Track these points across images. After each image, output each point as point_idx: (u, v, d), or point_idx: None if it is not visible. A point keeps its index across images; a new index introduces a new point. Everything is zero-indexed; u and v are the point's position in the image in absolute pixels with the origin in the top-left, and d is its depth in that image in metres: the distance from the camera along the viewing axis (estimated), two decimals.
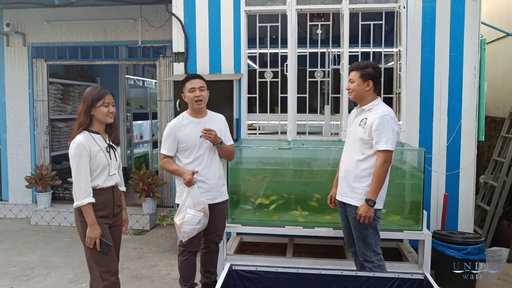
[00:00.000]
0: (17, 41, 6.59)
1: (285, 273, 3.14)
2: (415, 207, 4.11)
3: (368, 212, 3.20)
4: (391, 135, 3.15)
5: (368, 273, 3.12)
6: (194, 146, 3.47)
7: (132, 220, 6.15)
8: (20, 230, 6.13)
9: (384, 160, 3.15)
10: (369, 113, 3.27)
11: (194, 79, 3.50)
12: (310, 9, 4.81)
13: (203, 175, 3.48)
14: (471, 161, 4.75)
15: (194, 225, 3.39)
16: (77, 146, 2.89)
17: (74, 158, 2.90)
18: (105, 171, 3.00)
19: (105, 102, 2.98)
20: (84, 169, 2.90)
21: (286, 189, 4.44)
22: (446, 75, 4.73)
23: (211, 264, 3.77)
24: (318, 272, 3.12)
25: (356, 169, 3.29)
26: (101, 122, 3.03)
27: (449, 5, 4.68)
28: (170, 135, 3.48)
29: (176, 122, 3.54)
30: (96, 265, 3.03)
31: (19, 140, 6.71)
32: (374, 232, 3.34)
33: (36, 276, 4.51)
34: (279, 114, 5.00)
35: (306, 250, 4.97)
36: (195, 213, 3.37)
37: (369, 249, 3.34)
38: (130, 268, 4.68)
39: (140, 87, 10.67)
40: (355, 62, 3.42)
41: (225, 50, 5.01)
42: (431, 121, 4.77)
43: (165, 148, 3.51)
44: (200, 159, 3.49)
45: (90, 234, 2.92)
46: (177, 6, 5.04)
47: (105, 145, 3.04)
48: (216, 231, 3.67)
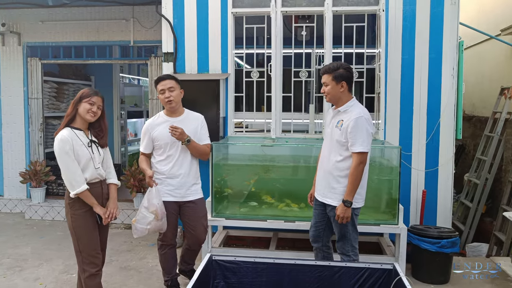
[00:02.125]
0: (13, 41, 6.75)
1: (263, 263, 3.31)
2: (392, 202, 4.27)
3: (345, 213, 3.32)
4: (365, 137, 3.25)
5: (341, 263, 3.30)
6: (166, 145, 3.63)
7: (123, 215, 6.32)
8: (14, 224, 6.29)
9: (359, 162, 3.26)
10: (344, 114, 3.36)
11: (164, 81, 3.62)
12: (295, 11, 4.97)
13: (173, 172, 3.65)
14: (450, 158, 4.92)
15: (144, 225, 3.51)
16: (61, 140, 3.07)
17: (59, 153, 3.07)
18: (89, 164, 3.16)
19: (90, 100, 3.15)
20: (71, 161, 3.07)
21: (269, 185, 4.60)
22: (426, 76, 4.89)
23: (189, 257, 3.96)
24: (294, 262, 3.29)
25: (335, 170, 3.40)
26: (82, 118, 3.18)
27: (429, 8, 4.84)
28: (146, 134, 3.69)
29: (151, 121, 3.73)
30: (81, 256, 3.22)
31: (14, 136, 6.87)
32: (354, 229, 3.49)
33: (28, 267, 4.68)
34: (265, 112, 5.17)
35: (290, 244, 5.14)
36: (147, 214, 3.51)
37: (348, 244, 3.49)
38: (119, 260, 4.85)
39: (134, 85, 10.83)
40: (325, 65, 3.50)
41: (213, 51, 5.16)
42: (411, 120, 4.93)
43: (142, 145, 3.75)
44: (171, 157, 3.65)
45: (102, 210, 3.19)
46: (166, 7, 5.20)
47: (87, 140, 3.20)
48: (195, 233, 3.76)
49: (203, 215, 3.84)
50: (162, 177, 3.69)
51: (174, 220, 3.75)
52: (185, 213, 3.74)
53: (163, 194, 3.65)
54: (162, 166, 3.68)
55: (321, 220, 3.62)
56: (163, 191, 3.66)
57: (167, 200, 3.66)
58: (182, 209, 3.74)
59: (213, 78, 5.01)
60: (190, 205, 3.74)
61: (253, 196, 4.50)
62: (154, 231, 3.60)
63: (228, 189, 4.57)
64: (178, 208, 3.75)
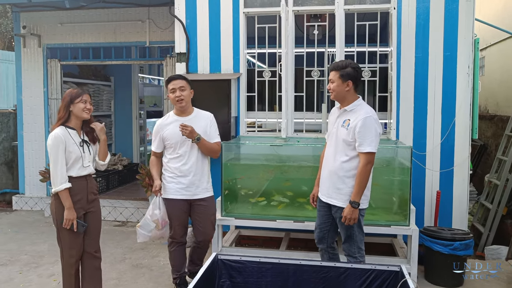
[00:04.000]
0: (33, 43, 6.93)
1: (268, 263, 3.30)
2: (403, 203, 4.20)
3: (353, 214, 3.29)
4: (374, 137, 3.21)
5: (346, 264, 3.25)
6: (176, 143, 3.68)
7: (139, 214, 6.41)
8: (34, 222, 6.46)
9: (367, 162, 3.22)
10: (351, 114, 3.32)
11: (175, 80, 3.69)
12: (306, 11, 4.95)
13: (183, 171, 3.70)
14: (465, 158, 4.81)
15: (146, 232, 3.65)
16: (54, 138, 3.23)
17: (51, 149, 3.23)
18: (78, 162, 3.31)
19: (82, 99, 3.30)
20: (60, 159, 3.23)
21: (279, 184, 4.59)
22: (440, 74, 4.79)
23: (197, 257, 3.99)
24: (299, 263, 3.27)
25: (340, 170, 3.35)
26: (78, 117, 3.33)
27: (443, 5, 4.74)
28: (156, 133, 3.76)
29: (161, 120, 3.80)
30: (61, 244, 3.42)
31: (34, 136, 7.06)
32: (360, 230, 3.44)
33: (44, 263, 4.80)
34: (277, 112, 5.16)
35: (302, 245, 5.12)
36: (149, 222, 3.62)
37: (354, 246, 3.45)
38: (132, 258, 4.92)
39: (154, 85, 10.96)
40: (334, 62, 3.48)
41: (225, 50, 5.19)
42: (425, 120, 4.84)
43: (153, 145, 3.80)
44: (182, 156, 3.70)
45: (68, 216, 3.24)
46: (179, 8, 5.25)
47: (79, 140, 3.35)
48: (203, 229, 3.81)
49: (212, 213, 3.90)
50: (173, 175, 3.75)
51: (184, 218, 3.80)
52: (195, 211, 3.79)
53: (173, 192, 3.72)
54: (173, 165, 3.74)
55: (326, 221, 3.59)
56: (174, 189, 3.73)
57: (177, 198, 3.72)
58: (192, 207, 3.80)
59: (225, 78, 5.03)
60: (201, 203, 3.79)
61: (263, 195, 4.49)
62: (155, 239, 3.75)
63: (238, 189, 4.58)
64: (189, 206, 3.80)
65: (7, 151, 7.69)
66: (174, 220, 3.78)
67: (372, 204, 4.34)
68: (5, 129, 7.66)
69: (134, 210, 6.43)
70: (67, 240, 3.35)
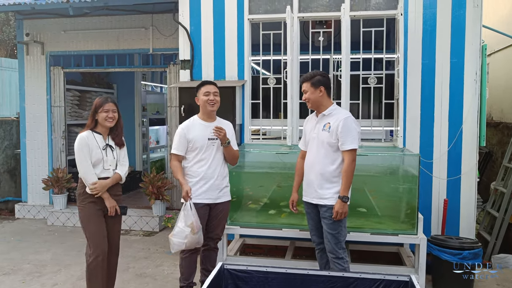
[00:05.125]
0: (36, 50, 6.92)
1: (274, 272, 3.23)
2: (411, 212, 4.14)
3: (344, 208, 3.42)
4: (355, 135, 3.42)
5: (355, 274, 3.19)
6: (202, 147, 3.70)
7: (142, 222, 6.35)
8: (37, 230, 6.40)
9: (352, 159, 3.41)
10: (330, 117, 3.50)
11: (210, 85, 3.77)
12: (312, 17, 4.93)
13: (208, 174, 3.72)
14: (473, 166, 4.75)
15: (181, 239, 3.56)
16: (79, 139, 3.49)
17: (76, 150, 3.48)
18: (99, 165, 3.53)
19: (104, 109, 3.53)
20: (86, 158, 3.48)
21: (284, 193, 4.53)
22: (447, 81, 4.75)
23: (209, 262, 3.91)
24: (306, 273, 3.20)
25: (327, 171, 3.48)
26: (103, 125, 3.56)
27: (450, 11, 4.71)
28: (181, 135, 3.73)
29: (187, 123, 3.80)
30: (88, 242, 3.58)
31: (37, 144, 7.03)
32: (344, 230, 3.56)
33: (47, 273, 4.74)
34: (282, 119, 5.11)
35: (308, 253, 5.04)
36: (183, 228, 3.54)
37: (339, 246, 3.52)
38: (135, 267, 4.86)
39: (157, 93, 10.93)
40: (303, 75, 3.65)
41: (229, 57, 5.16)
42: (432, 127, 4.79)
43: (174, 147, 3.76)
44: (205, 160, 3.72)
45: (110, 204, 3.55)
46: (183, 15, 5.23)
47: (103, 144, 3.56)
48: (215, 229, 3.85)
49: (226, 218, 4.00)
50: (196, 179, 3.72)
51: (204, 224, 3.76)
52: (213, 214, 3.80)
53: (198, 196, 3.70)
54: (197, 169, 3.73)
55: (319, 222, 3.63)
56: (196, 194, 3.70)
57: (200, 202, 3.70)
58: (211, 210, 3.79)
59: (229, 85, 4.99)
60: (220, 207, 3.82)
61: (268, 204, 4.44)
62: (191, 246, 3.63)
63: (244, 197, 4.53)
64: (209, 210, 3.79)
65: (10, 159, 7.66)
66: None
67: (378, 212, 4.31)
68: (8, 137, 7.63)
69: (137, 218, 6.37)
70: (94, 236, 3.53)
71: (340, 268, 3.47)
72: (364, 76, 4.90)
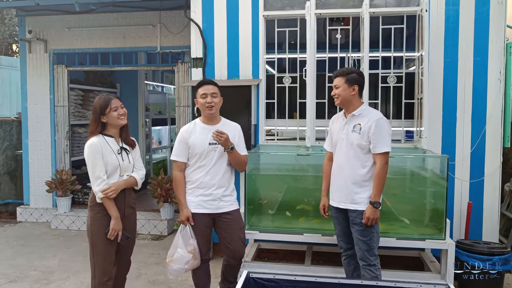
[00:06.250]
0: (39, 48, 6.70)
1: (304, 281, 3.06)
2: (438, 216, 4.00)
3: (375, 214, 3.27)
4: (387, 138, 3.26)
5: (389, 283, 3.03)
6: (203, 152, 3.40)
7: (150, 226, 6.16)
8: (41, 234, 6.19)
9: (385, 162, 3.25)
10: (360, 118, 3.33)
11: (207, 85, 3.45)
12: (329, 14, 4.75)
13: (206, 182, 3.42)
14: (496, 168, 4.61)
15: (182, 265, 3.38)
16: (90, 145, 3.07)
17: (88, 158, 3.08)
18: (116, 172, 3.15)
19: (112, 107, 3.13)
20: (99, 166, 3.07)
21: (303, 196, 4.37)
22: (470, 80, 4.60)
23: (231, 275, 3.67)
24: (338, 281, 3.03)
25: (358, 175, 3.33)
26: (115, 125, 3.18)
27: (473, 8, 4.56)
28: (181, 140, 3.45)
29: (187, 127, 3.51)
30: (93, 260, 3.20)
31: (40, 145, 6.81)
32: (377, 236, 3.39)
33: (55, 280, 4.54)
34: (298, 119, 4.95)
35: (325, 258, 4.88)
36: (184, 254, 3.36)
37: (371, 253, 3.36)
38: (147, 274, 4.67)
39: (159, 93, 10.73)
40: (338, 69, 3.47)
41: (243, 56, 4.98)
42: (455, 127, 4.65)
43: (174, 153, 3.48)
44: (205, 166, 3.42)
45: (114, 226, 3.11)
46: (195, 11, 5.04)
47: (117, 147, 3.19)
48: (233, 247, 3.51)
49: (240, 228, 3.57)
50: (193, 186, 3.47)
51: (207, 234, 3.52)
52: (220, 226, 3.50)
53: (195, 206, 3.44)
54: (195, 176, 3.45)
55: (347, 227, 3.47)
56: (195, 203, 3.45)
57: (199, 212, 3.44)
58: (217, 222, 3.51)
59: (245, 84, 4.81)
60: (225, 217, 3.50)
61: (288, 208, 4.27)
62: (190, 269, 3.48)
63: (262, 201, 4.36)
64: (212, 221, 3.51)
65: (10, 160, 7.43)
66: (197, 237, 3.52)
67: (404, 216, 4.16)
68: (8, 138, 7.41)
69: (145, 222, 6.17)
70: (101, 255, 3.16)
71: (372, 275, 3.31)
72: (383, 75, 4.74)
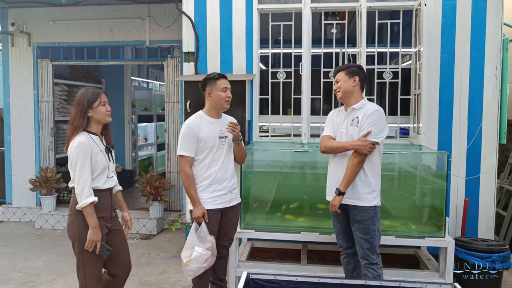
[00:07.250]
0: (22, 41, 6.46)
1: (305, 282, 2.96)
2: (437, 213, 3.93)
3: (334, 201, 3.22)
4: (379, 129, 3.13)
5: (393, 283, 2.95)
6: (213, 146, 3.30)
7: (138, 225, 6.00)
8: (24, 234, 5.97)
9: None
10: (359, 111, 3.24)
11: (225, 79, 3.38)
12: (325, 8, 4.66)
13: (219, 176, 3.33)
14: (492, 165, 4.58)
15: (201, 264, 3.23)
16: (79, 144, 2.79)
17: (76, 158, 2.79)
18: (104, 172, 2.93)
19: (101, 101, 2.91)
20: (87, 169, 2.80)
21: (300, 194, 4.27)
22: (467, 76, 4.56)
23: (221, 270, 3.60)
24: (341, 282, 2.94)
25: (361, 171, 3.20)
26: (100, 122, 2.94)
27: (470, 3, 4.52)
28: (190, 135, 3.28)
29: (194, 121, 3.34)
30: (83, 277, 2.93)
31: (23, 141, 6.57)
32: (378, 234, 3.30)
33: (42, 282, 4.36)
34: (292, 116, 4.85)
35: (320, 257, 4.80)
36: (203, 252, 3.22)
37: (373, 251, 3.27)
38: (138, 275, 4.51)
39: (144, 89, 10.52)
40: (338, 66, 3.44)
41: (237, 50, 4.85)
42: (451, 124, 4.60)
43: (183, 148, 3.29)
44: (217, 161, 3.33)
45: (93, 237, 2.81)
46: (187, 4, 4.90)
47: (103, 146, 2.97)
48: (227, 235, 3.51)
49: (237, 219, 3.61)
50: (206, 183, 3.33)
51: (216, 231, 3.41)
52: (225, 219, 3.43)
53: (210, 202, 3.32)
54: (207, 171, 3.33)
55: (348, 224, 3.37)
56: (209, 199, 3.33)
57: (213, 208, 3.32)
58: (223, 216, 3.42)
59: (239, 79, 4.68)
60: (232, 210, 3.46)
61: (284, 205, 4.16)
62: (208, 267, 3.34)
63: (258, 199, 4.24)
64: (221, 215, 3.42)
65: None
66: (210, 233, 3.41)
67: (402, 214, 4.09)
68: None
69: (133, 220, 5.97)
70: (89, 262, 2.90)
71: (374, 274, 3.22)
72: (378, 70, 4.67)
